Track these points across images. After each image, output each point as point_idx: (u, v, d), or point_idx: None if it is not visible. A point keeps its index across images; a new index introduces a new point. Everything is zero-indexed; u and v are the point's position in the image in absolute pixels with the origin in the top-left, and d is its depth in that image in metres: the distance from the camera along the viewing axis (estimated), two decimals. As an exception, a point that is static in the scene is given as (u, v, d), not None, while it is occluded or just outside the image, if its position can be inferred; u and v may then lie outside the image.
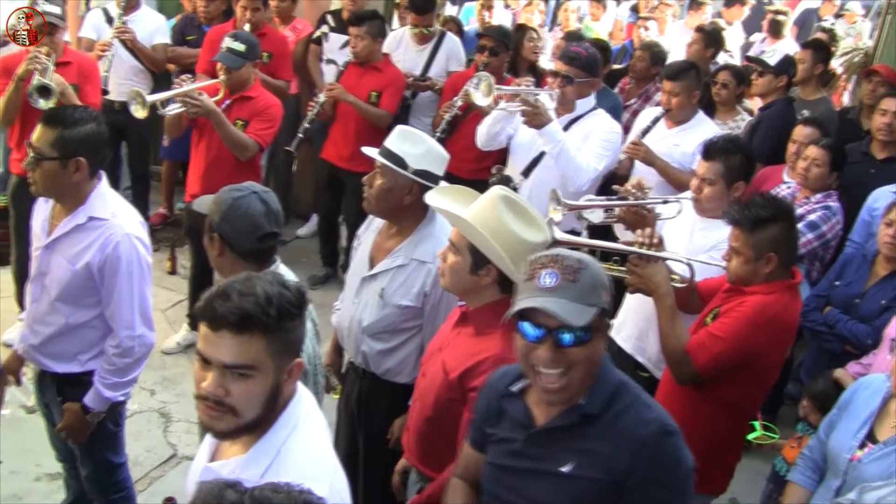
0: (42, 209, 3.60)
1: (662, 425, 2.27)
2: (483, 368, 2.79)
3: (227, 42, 5.20)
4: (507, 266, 2.84)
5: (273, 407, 2.10)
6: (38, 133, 3.36)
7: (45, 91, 4.93)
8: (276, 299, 2.02)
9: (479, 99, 4.88)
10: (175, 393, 5.33)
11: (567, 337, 2.18)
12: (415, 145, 3.44)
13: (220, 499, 1.55)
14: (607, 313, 2.27)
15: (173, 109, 5.08)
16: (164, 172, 7.68)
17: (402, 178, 3.39)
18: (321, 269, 6.96)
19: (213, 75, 5.44)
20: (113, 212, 3.44)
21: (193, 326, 5.72)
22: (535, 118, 4.63)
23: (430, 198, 3.14)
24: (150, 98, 5.12)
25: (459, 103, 5.85)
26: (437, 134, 5.98)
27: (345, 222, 6.89)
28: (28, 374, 3.89)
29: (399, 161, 3.39)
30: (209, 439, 2.28)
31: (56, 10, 5.20)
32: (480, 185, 3.42)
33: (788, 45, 8.42)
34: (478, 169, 5.62)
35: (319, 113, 6.28)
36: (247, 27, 6.22)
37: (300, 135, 6.33)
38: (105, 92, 6.13)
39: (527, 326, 2.22)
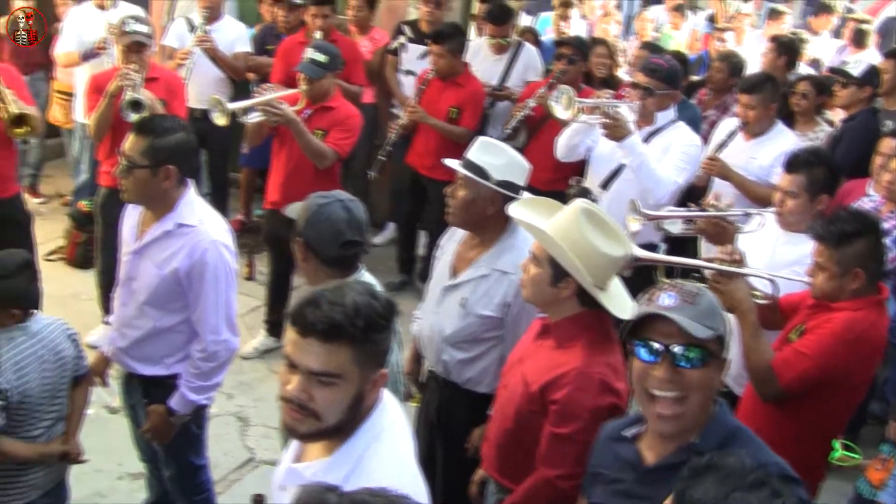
0: (131, 215, 3.68)
1: (782, 470, 2.23)
2: (564, 381, 2.79)
3: (310, 53, 5.25)
4: (584, 279, 2.83)
5: (355, 414, 2.10)
6: (129, 142, 3.45)
7: (136, 105, 5.06)
8: (364, 310, 2.02)
9: (560, 112, 4.83)
10: (253, 397, 5.41)
11: (683, 358, 2.18)
12: (496, 156, 3.45)
13: (320, 502, 1.57)
14: (724, 343, 2.26)
15: (254, 118, 5.17)
16: (243, 179, 7.81)
17: (485, 189, 3.40)
18: (397, 275, 6.97)
19: (289, 85, 5.51)
20: (200, 219, 3.51)
21: (271, 332, 5.82)
22: (616, 130, 4.61)
23: (513, 210, 3.15)
24: (231, 106, 5.23)
25: (532, 104, 5.84)
26: (507, 131, 6.01)
27: (425, 230, 6.88)
28: (114, 375, 3.98)
29: (481, 172, 3.40)
30: (296, 441, 2.30)
31: (144, 28, 5.33)
32: (558, 196, 3.41)
33: (871, 55, 8.22)
34: (555, 179, 5.60)
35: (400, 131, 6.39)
36: (318, 34, 6.30)
37: (381, 157, 6.44)
38: (184, 100, 6.28)
39: (643, 351, 2.22)
